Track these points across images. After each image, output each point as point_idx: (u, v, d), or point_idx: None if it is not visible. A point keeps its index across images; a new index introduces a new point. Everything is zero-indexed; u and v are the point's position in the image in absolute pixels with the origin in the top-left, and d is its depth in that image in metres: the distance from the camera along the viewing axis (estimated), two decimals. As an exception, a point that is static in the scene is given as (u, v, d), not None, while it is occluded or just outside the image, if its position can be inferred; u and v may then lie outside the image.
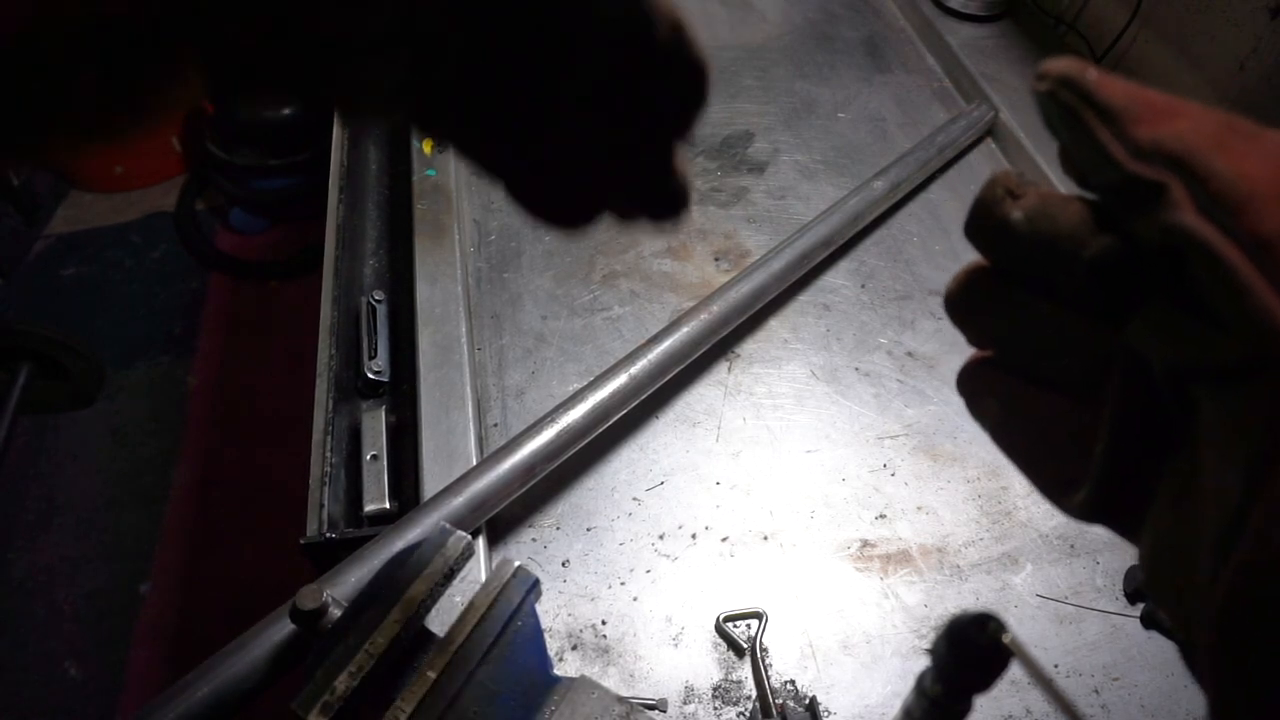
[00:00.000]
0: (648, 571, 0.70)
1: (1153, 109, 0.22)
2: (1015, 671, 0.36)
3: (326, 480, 0.71)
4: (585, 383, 0.73)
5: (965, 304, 0.28)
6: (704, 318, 0.79)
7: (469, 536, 0.54)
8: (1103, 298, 0.24)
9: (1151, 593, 0.25)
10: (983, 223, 0.26)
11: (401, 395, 0.79)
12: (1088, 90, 0.22)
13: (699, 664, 0.65)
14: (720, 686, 0.64)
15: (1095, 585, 0.70)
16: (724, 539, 0.72)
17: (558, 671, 0.54)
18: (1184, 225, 0.21)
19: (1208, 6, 1.07)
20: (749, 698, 0.63)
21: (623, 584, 0.69)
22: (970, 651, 0.35)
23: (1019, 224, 0.25)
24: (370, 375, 0.78)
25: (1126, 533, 0.26)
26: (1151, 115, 0.22)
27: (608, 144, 0.32)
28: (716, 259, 0.95)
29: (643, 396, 0.75)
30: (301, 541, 0.66)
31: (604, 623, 0.67)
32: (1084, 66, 0.23)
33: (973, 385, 0.30)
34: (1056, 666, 0.66)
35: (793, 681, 0.64)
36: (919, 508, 0.75)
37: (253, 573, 1.73)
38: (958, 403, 0.30)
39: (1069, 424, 0.27)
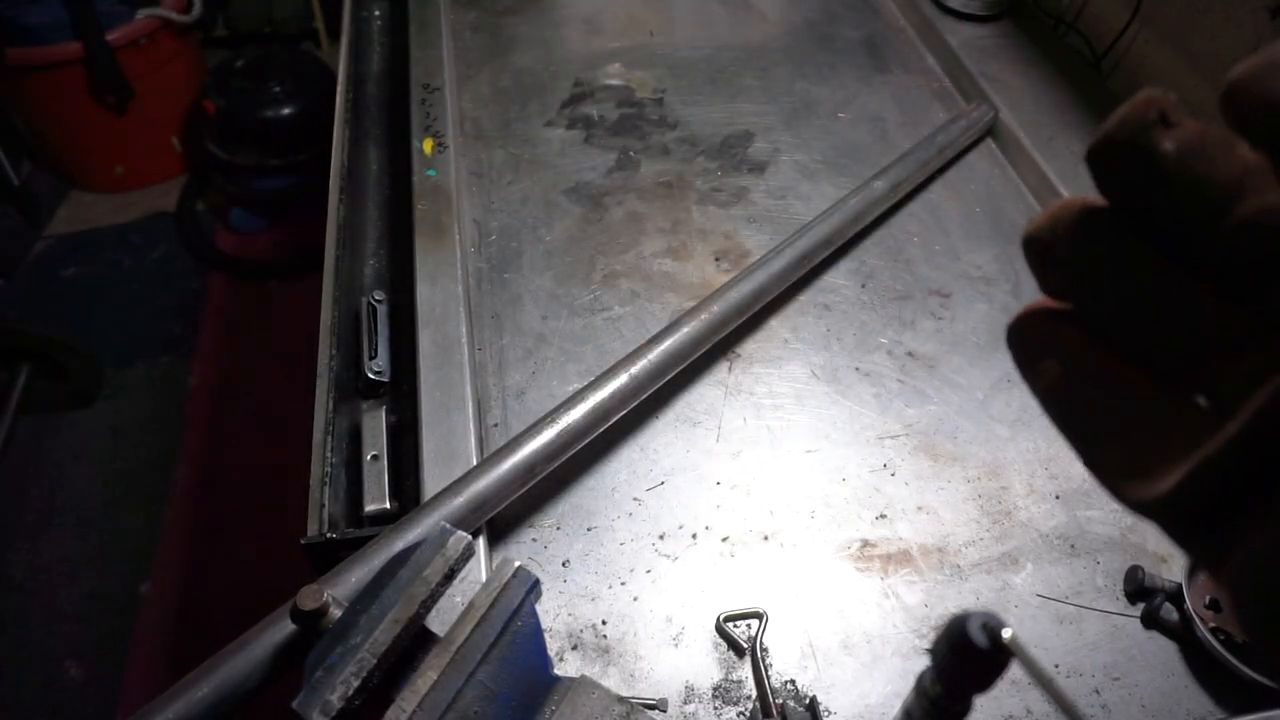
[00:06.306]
0: (648, 571, 0.70)
1: None
2: (1015, 671, 0.36)
3: (327, 480, 0.71)
4: (586, 383, 0.73)
5: (1058, 243, 0.23)
6: (704, 318, 0.79)
7: (469, 536, 0.54)
8: (1255, 268, 0.20)
9: (1256, 632, 0.20)
10: (1119, 148, 0.21)
11: (402, 395, 0.79)
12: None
13: (699, 664, 0.65)
14: (720, 686, 0.64)
15: (1096, 585, 0.70)
16: (724, 539, 0.72)
17: (558, 671, 0.54)
18: None
19: (1208, 6, 1.07)
20: (749, 697, 0.63)
21: (623, 584, 0.69)
22: (970, 651, 0.35)
23: (1168, 157, 0.20)
24: (370, 375, 0.78)
25: (1189, 542, 0.22)
26: None
27: None
28: (716, 259, 0.95)
29: (643, 397, 0.75)
30: (302, 541, 0.66)
31: (604, 623, 0.67)
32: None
33: (1032, 339, 0.24)
34: (1057, 666, 0.66)
35: (793, 681, 0.64)
36: (919, 508, 0.75)
37: (253, 573, 1.73)
38: (958, 402, 0.29)
39: (1149, 405, 0.22)
